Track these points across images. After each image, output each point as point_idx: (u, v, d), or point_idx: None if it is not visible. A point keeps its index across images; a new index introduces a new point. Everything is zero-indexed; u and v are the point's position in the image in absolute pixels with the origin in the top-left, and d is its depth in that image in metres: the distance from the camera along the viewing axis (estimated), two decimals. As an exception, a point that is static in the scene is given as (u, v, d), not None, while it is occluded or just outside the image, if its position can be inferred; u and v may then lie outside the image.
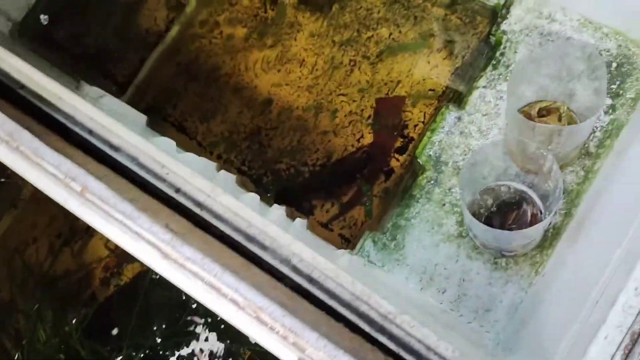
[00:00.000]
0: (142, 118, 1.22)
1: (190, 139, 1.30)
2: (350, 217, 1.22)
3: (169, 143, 0.94)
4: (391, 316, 0.61)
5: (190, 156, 0.92)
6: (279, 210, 1.07)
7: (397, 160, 1.22)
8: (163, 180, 0.68)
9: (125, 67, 1.36)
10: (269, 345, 0.54)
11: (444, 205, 1.05)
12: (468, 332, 0.96)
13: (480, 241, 0.94)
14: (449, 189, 1.05)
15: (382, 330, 0.61)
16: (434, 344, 0.60)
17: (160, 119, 1.33)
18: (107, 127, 0.73)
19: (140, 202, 0.63)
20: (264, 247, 0.65)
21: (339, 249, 1.13)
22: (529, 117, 0.94)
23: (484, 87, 1.07)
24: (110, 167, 0.70)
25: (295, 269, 0.64)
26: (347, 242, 1.22)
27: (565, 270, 0.83)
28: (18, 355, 1.30)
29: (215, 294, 0.55)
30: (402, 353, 0.60)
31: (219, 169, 1.15)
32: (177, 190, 0.68)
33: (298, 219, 1.07)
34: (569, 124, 0.92)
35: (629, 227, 0.66)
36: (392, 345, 0.61)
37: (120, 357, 1.28)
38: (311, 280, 0.64)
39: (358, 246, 1.09)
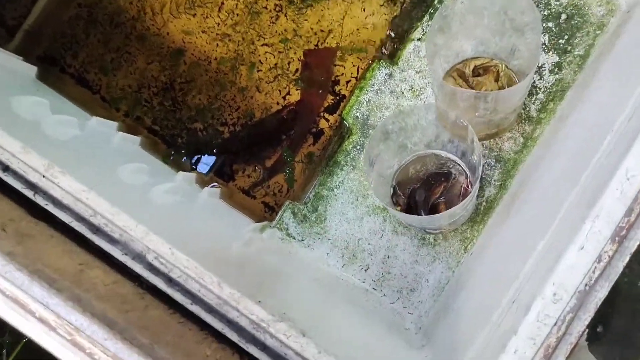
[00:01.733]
0: (31, 70, 1.05)
1: (93, 93, 1.14)
2: (275, 184, 1.10)
3: (41, 102, 0.79)
4: (264, 324, 0.51)
5: (64, 118, 0.77)
6: (185, 177, 0.94)
7: (327, 120, 1.08)
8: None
9: (13, 7, 1.16)
10: (90, 374, 0.43)
11: (377, 175, 0.93)
12: (390, 314, 0.87)
13: (402, 220, 0.83)
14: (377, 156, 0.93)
15: (254, 340, 0.51)
16: (313, 357, 0.50)
17: (58, 70, 1.15)
18: None
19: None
20: (113, 240, 0.53)
21: (260, 219, 1.02)
22: (462, 75, 0.81)
23: (418, 39, 0.93)
24: None
25: (151, 267, 0.52)
26: (272, 210, 1.10)
27: (488, 255, 0.73)
28: None
29: (20, 310, 0.43)
30: (277, 368, 0.50)
31: (120, 129, 1.00)
32: (5, 169, 0.54)
33: (206, 188, 0.95)
34: (507, 84, 0.80)
35: (555, 214, 0.56)
36: (264, 358, 0.50)
37: None
38: (170, 280, 0.52)
39: (277, 218, 0.97)
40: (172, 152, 1.09)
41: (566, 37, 0.86)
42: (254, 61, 1.09)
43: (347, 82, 1.08)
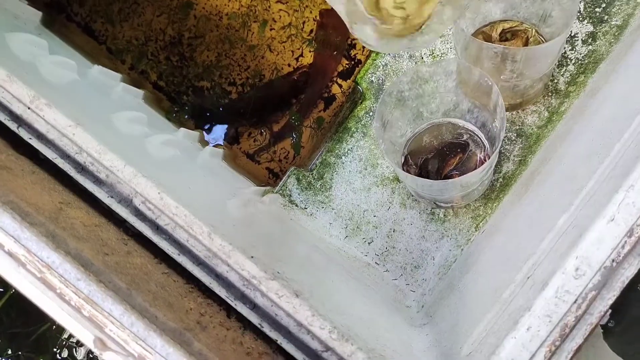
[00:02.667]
0: (36, 15, 1.00)
1: (99, 44, 1.09)
2: (281, 149, 1.05)
3: (38, 42, 0.74)
4: (255, 281, 0.46)
5: (62, 59, 0.72)
6: (187, 134, 0.90)
7: (340, 86, 1.03)
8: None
9: (20, -52, 1.11)
10: (58, 316, 0.39)
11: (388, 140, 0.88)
12: (392, 291, 0.83)
13: (411, 188, 0.78)
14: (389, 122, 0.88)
15: (243, 297, 0.47)
16: (307, 320, 0.46)
17: (64, 17, 1.10)
18: None
19: None
20: (99, 181, 0.49)
21: (263, 186, 0.97)
22: (489, 39, 0.75)
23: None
24: None
25: (137, 212, 0.48)
26: (276, 177, 1.05)
27: (501, 233, 0.68)
28: None
29: (-13, 243, 0.39)
30: (266, 328, 0.46)
31: (124, 81, 0.96)
32: (-12, 97, 0.50)
33: (210, 147, 0.90)
34: (536, 51, 0.74)
35: (581, 188, 0.51)
36: (253, 318, 0.46)
37: None
38: (158, 228, 0.48)
39: (280, 183, 0.93)
40: (176, 109, 1.05)
41: (603, 5, 0.79)
42: (267, 19, 1.04)
43: (364, 46, 1.03)
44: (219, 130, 1.07)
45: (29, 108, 0.49)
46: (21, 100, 0.49)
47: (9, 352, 0.87)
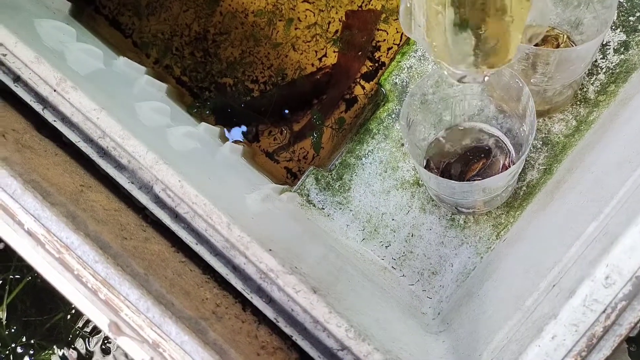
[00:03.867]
0: (65, 5, 1.02)
1: (125, 37, 1.10)
2: (300, 149, 1.04)
3: (67, 29, 0.75)
4: (273, 275, 0.46)
5: (89, 47, 0.73)
6: (208, 129, 0.90)
7: (363, 87, 1.02)
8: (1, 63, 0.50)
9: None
10: (75, 299, 0.39)
11: (403, 145, 0.87)
12: (408, 296, 0.81)
13: (433, 191, 0.77)
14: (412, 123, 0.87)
15: (260, 291, 0.46)
16: (323, 317, 0.45)
17: (93, 10, 1.12)
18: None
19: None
20: (120, 166, 0.48)
21: (280, 183, 0.97)
22: (518, 44, 0.74)
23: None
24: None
25: (157, 199, 0.47)
26: (294, 177, 1.05)
27: (525, 240, 0.66)
28: None
29: (8, 219, 0.39)
30: (281, 323, 0.45)
31: (148, 73, 0.96)
32: (17, 79, 0.50)
33: (228, 143, 0.90)
34: (567, 58, 0.72)
35: (612, 196, 0.49)
36: (269, 312, 0.45)
37: None
38: (176, 216, 0.47)
39: (299, 182, 0.92)
40: (197, 104, 1.05)
41: (638, 14, 0.77)
42: (293, 17, 1.04)
43: (389, 48, 1.02)
44: (240, 128, 1.06)
45: (54, 90, 0.49)
46: (48, 82, 0.49)
47: (24, 339, 0.87)
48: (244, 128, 1.07)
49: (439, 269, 0.82)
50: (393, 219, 0.85)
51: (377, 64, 1.02)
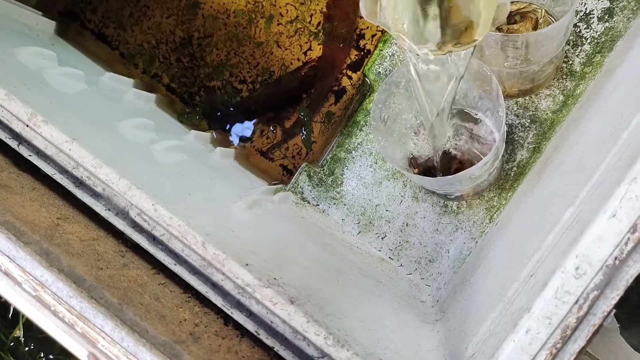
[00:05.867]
0: (50, 25, 1.03)
1: (112, 49, 1.11)
2: (294, 146, 1.05)
3: (46, 54, 0.76)
4: (250, 289, 0.47)
5: (71, 71, 0.74)
6: (198, 135, 0.91)
7: (350, 78, 1.02)
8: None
9: (32, -40, 1.13)
10: (54, 333, 0.40)
11: (391, 135, 0.87)
12: (406, 286, 0.82)
13: (420, 185, 0.77)
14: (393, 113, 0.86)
15: (239, 305, 0.47)
16: (302, 327, 0.46)
17: (78, 25, 1.13)
18: None
19: None
20: (96, 195, 0.50)
21: (278, 183, 0.98)
22: (495, 24, 0.72)
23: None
24: None
25: (134, 224, 0.49)
26: (290, 174, 1.05)
27: (512, 225, 0.66)
28: None
29: (-17, 264, 0.40)
30: (262, 335, 0.46)
31: (137, 86, 0.98)
32: (-12, 117, 0.51)
33: (219, 148, 0.91)
34: (546, 33, 0.70)
35: (587, 180, 0.48)
36: (249, 325, 0.47)
37: None
38: (154, 239, 0.49)
39: (292, 181, 0.93)
40: (188, 111, 1.06)
41: (619, -21, 0.75)
42: (274, 13, 1.03)
43: (373, 35, 1.01)
44: (240, 128, 1.07)
45: (27, 125, 0.50)
46: (20, 118, 0.50)
47: (41, 355, 0.91)
48: (245, 127, 1.07)
49: (436, 256, 0.82)
50: (387, 210, 0.85)
51: (362, 52, 1.01)
